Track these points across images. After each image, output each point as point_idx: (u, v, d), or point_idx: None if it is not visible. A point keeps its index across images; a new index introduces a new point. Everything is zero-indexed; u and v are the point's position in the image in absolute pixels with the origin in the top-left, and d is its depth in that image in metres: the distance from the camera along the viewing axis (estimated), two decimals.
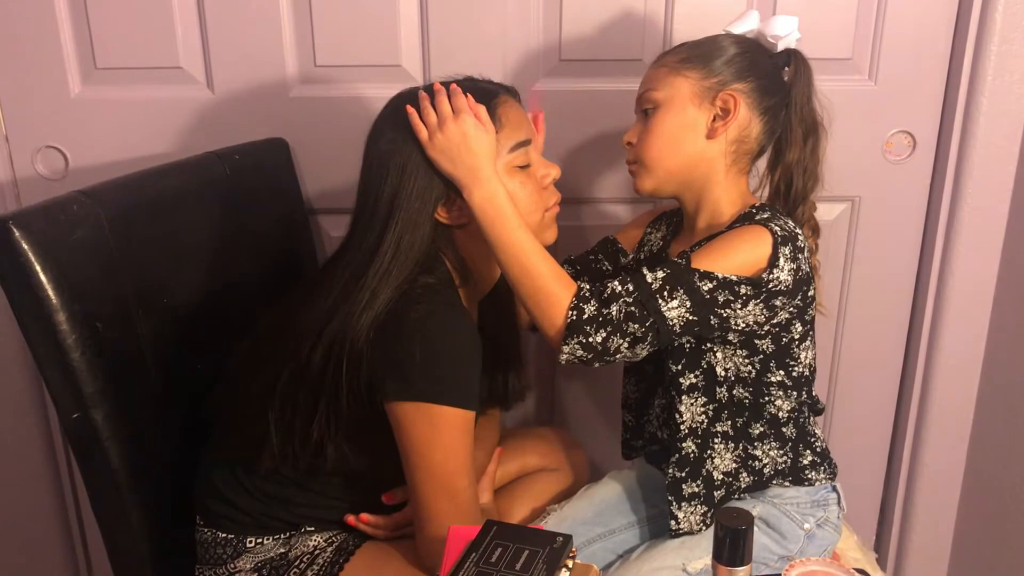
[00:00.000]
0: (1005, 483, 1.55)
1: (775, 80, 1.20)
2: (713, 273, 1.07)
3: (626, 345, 1.07)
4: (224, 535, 1.20)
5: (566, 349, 1.08)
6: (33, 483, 1.72)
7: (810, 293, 1.15)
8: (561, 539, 0.90)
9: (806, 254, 1.12)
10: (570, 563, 0.88)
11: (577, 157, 1.56)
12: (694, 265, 1.08)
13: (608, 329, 1.06)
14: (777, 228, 1.09)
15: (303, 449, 1.12)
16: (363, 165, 1.14)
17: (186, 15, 1.48)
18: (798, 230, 1.13)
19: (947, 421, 1.66)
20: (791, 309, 1.13)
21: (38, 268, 1.03)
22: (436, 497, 1.09)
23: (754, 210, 1.16)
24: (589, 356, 1.08)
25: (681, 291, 1.06)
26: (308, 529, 1.21)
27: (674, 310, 1.06)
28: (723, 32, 1.20)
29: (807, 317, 1.17)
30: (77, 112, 1.53)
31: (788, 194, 1.22)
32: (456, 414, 1.07)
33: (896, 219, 1.61)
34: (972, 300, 1.58)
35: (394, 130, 1.12)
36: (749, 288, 1.07)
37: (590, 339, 1.06)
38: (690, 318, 1.07)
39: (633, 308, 1.06)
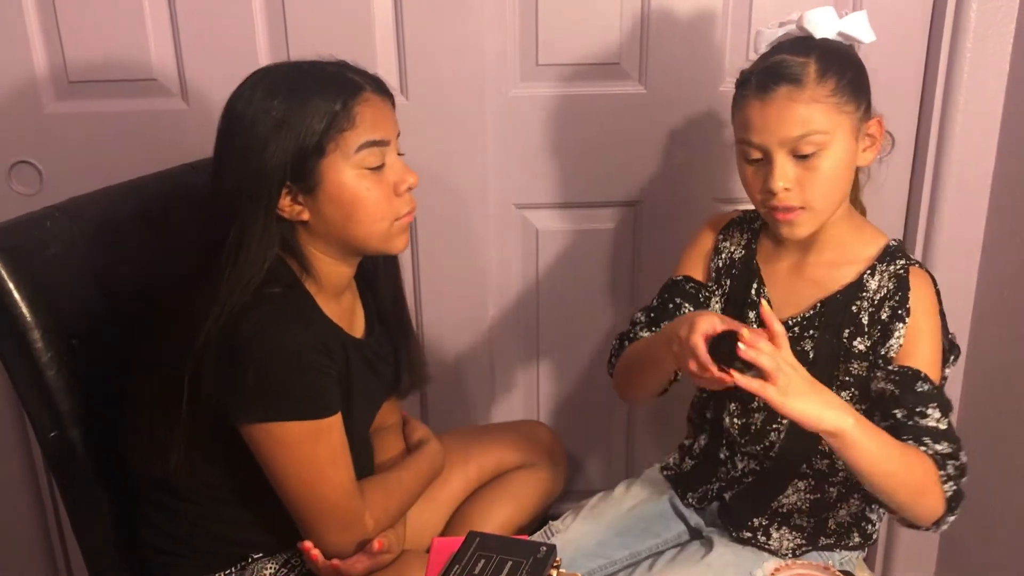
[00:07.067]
0: (991, 481, 1.55)
1: None
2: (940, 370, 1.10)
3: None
4: None
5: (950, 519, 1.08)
6: (13, 502, 1.70)
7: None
8: (545, 549, 0.89)
9: None
10: (554, 573, 0.88)
11: (555, 162, 1.56)
12: (926, 372, 1.08)
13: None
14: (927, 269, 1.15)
15: (156, 458, 1.06)
16: (214, 147, 1.09)
17: (159, 27, 1.47)
18: None
19: None
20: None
21: (11, 285, 1.02)
22: (308, 505, 1.06)
23: (892, 245, 1.16)
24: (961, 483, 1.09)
25: (942, 408, 1.08)
26: (256, 556, 1.15)
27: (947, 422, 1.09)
28: (836, 37, 1.13)
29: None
30: (51, 127, 1.51)
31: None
32: (303, 426, 1.03)
33: (876, 217, 1.61)
34: (953, 298, 1.57)
35: (242, 108, 1.05)
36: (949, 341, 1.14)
37: (958, 487, 1.07)
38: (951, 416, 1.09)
39: (951, 449, 1.07)
